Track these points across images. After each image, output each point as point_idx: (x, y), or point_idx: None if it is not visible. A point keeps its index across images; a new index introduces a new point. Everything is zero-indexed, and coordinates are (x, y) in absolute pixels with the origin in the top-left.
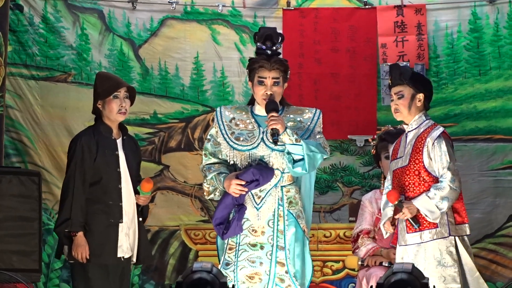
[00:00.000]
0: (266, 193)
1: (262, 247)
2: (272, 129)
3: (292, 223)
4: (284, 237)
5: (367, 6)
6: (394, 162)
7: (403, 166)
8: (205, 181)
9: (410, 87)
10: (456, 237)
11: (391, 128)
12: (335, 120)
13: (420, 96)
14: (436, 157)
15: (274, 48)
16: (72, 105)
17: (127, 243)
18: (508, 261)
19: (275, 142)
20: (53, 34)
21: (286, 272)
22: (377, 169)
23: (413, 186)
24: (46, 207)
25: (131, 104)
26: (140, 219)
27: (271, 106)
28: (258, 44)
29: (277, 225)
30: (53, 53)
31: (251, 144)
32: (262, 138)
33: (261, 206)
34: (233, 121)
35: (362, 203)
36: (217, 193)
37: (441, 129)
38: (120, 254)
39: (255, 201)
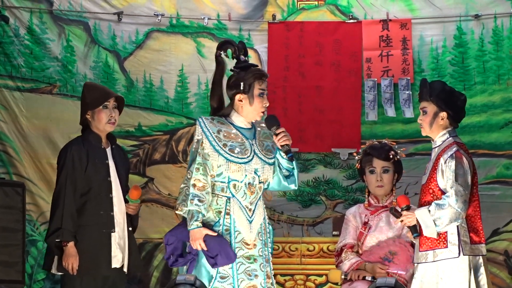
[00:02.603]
0: (255, 206)
1: (255, 260)
2: (285, 145)
3: (271, 236)
4: (268, 249)
5: (352, 20)
6: (422, 178)
7: (423, 183)
8: (183, 201)
9: (434, 105)
10: (479, 257)
11: (376, 142)
12: (319, 133)
13: (443, 114)
14: (446, 177)
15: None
16: (57, 117)
17: (120, 253)
18: (492, 277)
19: (291, 159)
20: (39, 46)
21: (272, 284)
22: (361, 183)
23: (428, 204)
24: (30, 218)
25: (120, 113)
26: (130, 228)
27: (276, 121)
28: (242, 57)
29: (263, 237)
30: (38, 65)
31: (247, 157)
32: (254, 151)
33: (253, 218)
34: (220, 132)
35: (346, 217)
36: (183, 214)
37: (455, 149)
38: (114, 264)
39: (247, 213)
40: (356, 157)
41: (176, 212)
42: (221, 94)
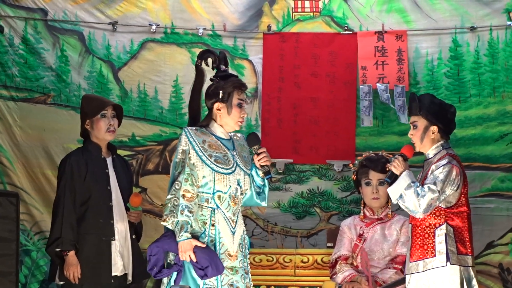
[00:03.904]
0: (237, 217)
1: (237, 271)
2: (265, 166)
3: (248, 247)
4: (247, 261)
5: (347, 32)
6: None
7: None
8: (172, 212)
9: (424, 119)
10: (470, 268)
11: (372, 154)
12: (314, 144)
13: (434, 128)
14: (430, 177)
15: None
16: (50, 126)
17: (121, 261)
18: None
19: (270, 180)
20: (33, 55)
21: None
22: (355, 195)
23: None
24: (24, 228)
25: (119, 123)
26: (134, 236)
27: (258, 140)
28: (222, 66)
29: (243, 249)
30: (32, 74)
31: (230, 168)
32: (236, 162)
33: (235, 230)
34: (205, 143)
35: (341, 229)
36: (169, 226)
37: (444, 161)
38: (114, 272)
39: (231, 225)
40: (352, 169)
41: (162, 223)
42: (199, 103)
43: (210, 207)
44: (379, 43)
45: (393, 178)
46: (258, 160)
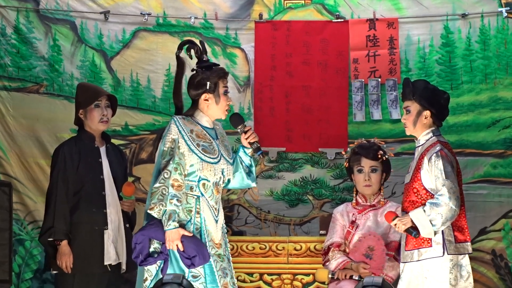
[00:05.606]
0: (219, 205)
1: (223, 259)
2: (255, 142)
3: (226, 235)
4: (228, 249)
5: (339, 20)
6: (405, 177)
7: (407, 182)
8: (160, 201)
9: (417, 103)
10: (463, 256)
11: (364, 141)
12: (306, 133)
13: (427, 113)
14: (433, 176)
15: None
16: (44, 116)
17: (114, 250)
18: (479, 276)
19: (262, 155)
20: (25, 45)
21: (234, 284)
22: (348, 182)
23: (412, 204)
24: (17, 217)
25: (113, 113)
26: (127, 225)
27: (241, 119)
28: (205, 56)
29: (225, 237)
30: (25, 64)
31: (216, 157)
32: (220, 151)
33: (218, 218)
34: (193, 132)
35: (334, 216)
36: (155, 214)
37: (438, 147)
38: (106, 261)
39: (214, 213)
40: (345, 156)
41: (149, 211)
42: (181, 93)
43: (195, 195)
44: (370, 31)
45: (414, 230)
46: (246, 138)
